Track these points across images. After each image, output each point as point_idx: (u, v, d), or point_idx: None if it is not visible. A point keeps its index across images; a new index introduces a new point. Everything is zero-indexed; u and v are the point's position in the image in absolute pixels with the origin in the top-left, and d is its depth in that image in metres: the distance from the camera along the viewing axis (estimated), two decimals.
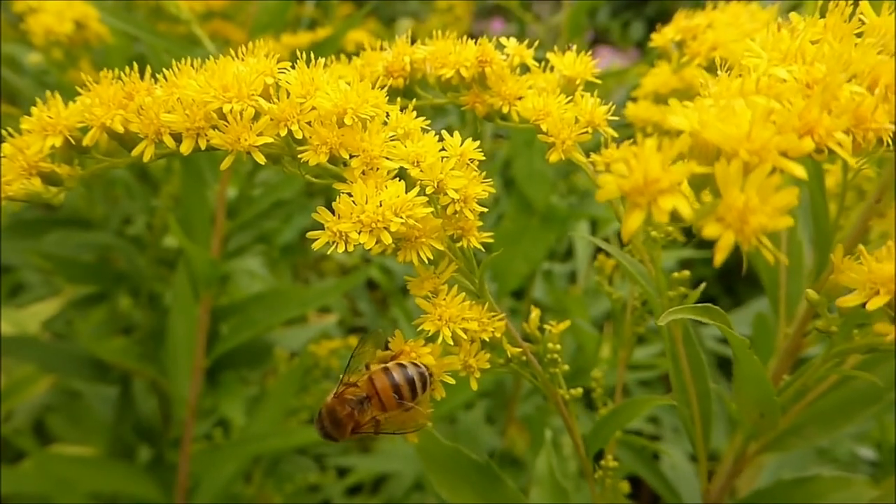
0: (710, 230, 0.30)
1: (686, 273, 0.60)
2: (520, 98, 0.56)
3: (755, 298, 1.85)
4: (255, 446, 1.32)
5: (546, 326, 0.61)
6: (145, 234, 1.53)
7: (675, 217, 0.32)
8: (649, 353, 1.85)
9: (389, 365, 0.51)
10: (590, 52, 0.60)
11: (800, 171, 0.30)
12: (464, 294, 0.50)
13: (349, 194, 0.45)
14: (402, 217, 0.44)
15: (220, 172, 1.28)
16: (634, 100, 0.87)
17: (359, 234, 0.44)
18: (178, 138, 0.46)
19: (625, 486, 0.77)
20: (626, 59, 3.10)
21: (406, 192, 0.45)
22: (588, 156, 0.60)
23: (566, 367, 0.61)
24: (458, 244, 0.51)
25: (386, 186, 0.45)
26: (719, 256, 0.30)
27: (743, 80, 0.34)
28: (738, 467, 0.62)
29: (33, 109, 0.47)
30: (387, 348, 0.54)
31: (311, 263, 2.46)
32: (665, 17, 0.80)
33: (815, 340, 0.56)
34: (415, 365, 0.50)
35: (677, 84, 0.83)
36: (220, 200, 1.30)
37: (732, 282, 2.76)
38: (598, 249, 2.10)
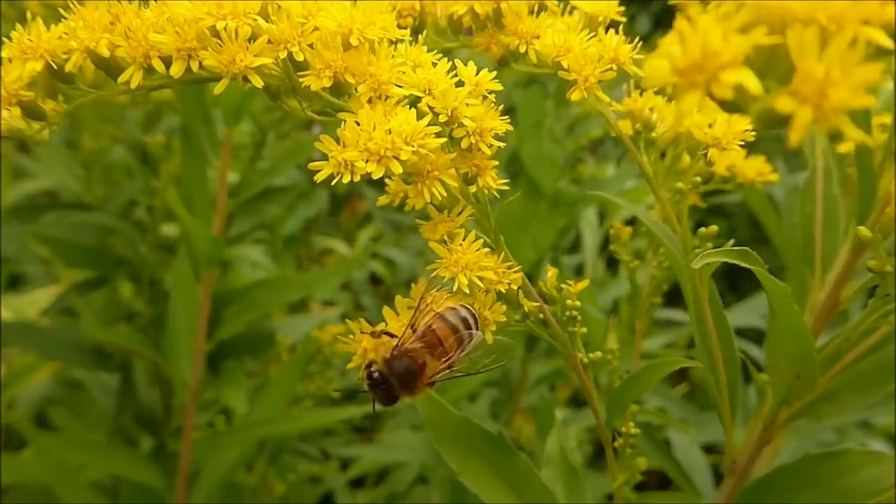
0: (783, 104, 0.26)
1: (714, 228, 0.57)
2: (538, 37, 0.52)
3: (759, 294, 1.82)
4: (258, 431, 1.28)
5: (563, 286, 0.57)
6: (145, 218, 1.50)
7: (738, 94, 0.28)
8: (658, 344, 1.82)
9: (443, 311, 0.48)
10: None
11: (886, 40, 0.27)
12: (481, 241, 0.46)
13: (356, 123, 0.41)
14: (413, 146, 0.40)
15: (220, 149, 1.25)
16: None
17: (366, 162, 0.40)
18: (168, 63, 0.42)
19: (642, 463, 0.73)
20: None
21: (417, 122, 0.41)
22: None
23: (584, 329, 0.57)
24: (473, 189, 0.47)
25: (395, 114, 0.41)
26: (796, 136, 0.26)
27: None
28: (768, 436, 0.58)
29: (13, 34, 0.43)
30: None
31: (314, 256, 2.44)
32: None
33: (853, 299, 0.53)
34: (463, 307, 0.48)
35: None
36: (221, 179, 1.27)
37: (737, 279, 2.73)
38: (606, 241, 2.06)
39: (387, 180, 0.53)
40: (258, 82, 0.42)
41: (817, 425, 0.86)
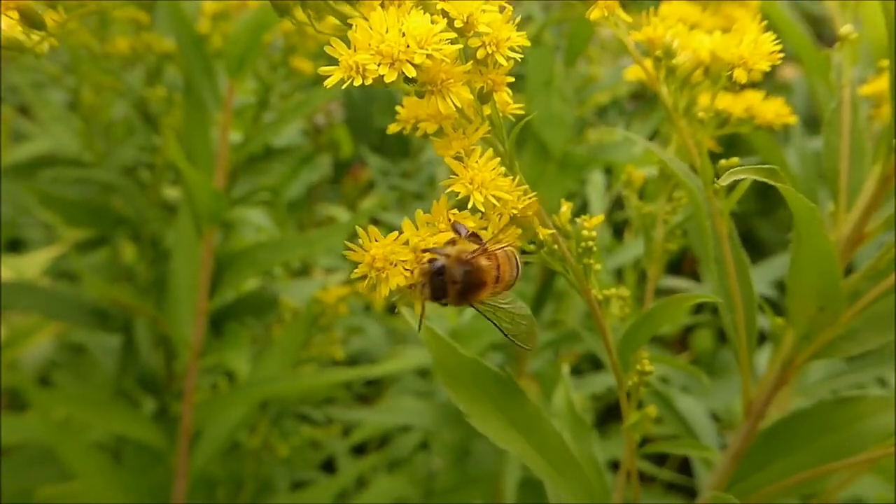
0: None
1: (735, 160, 0.55)
2: None
3: (762, 263, 1.82)
4: (259, 391, 1.28)
5: (578, 220, 0.56)
6: (147, 176, 1.48)
7: None
8: None
9: (511, 251, 0.48)
10: None
11: None
12: (498, 159, 0.44)
13: (368, 26, 0.39)
14: (427, 49, 0.38)
15: (223, 103, 1.22)
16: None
17: (378, 66, 0.38)
18: None
19: (652, 411, 0.72)
20: None
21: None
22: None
23: (598, 266, 0.56)
24: (486, 109, 0.45)
25: (409, 16, 0.39)
26: None
27: None
28: (785, 376, 0.57)
29: None
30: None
31: (317, 222, 2.43)
32: None
33: (879, 231, 0.51)
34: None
35: None
36: (223, 134, 1.24)
37: (744, 247, 2.72)
38: (612, 205, 2.04)
39: (398, 108, 0.51)
40: None
41: (833, 382, 0.84)
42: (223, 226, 1.52)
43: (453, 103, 0.41)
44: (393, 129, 0.51)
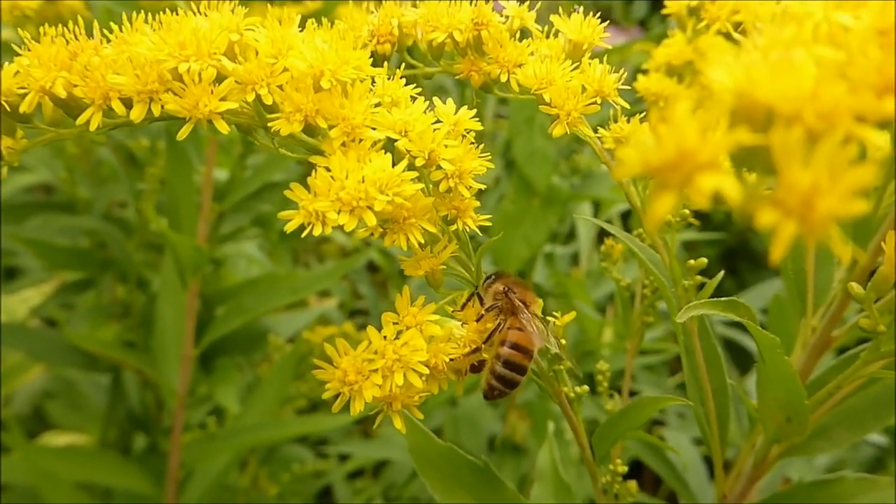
0: (766, 218, 0.24)
1: (703, 261, 0.55)
2: (520, 65, 0.50)
3: (759, 279, 1.80)
4: (248, 437, 1.27)
5: (549, 318, 0.56)
6: (133, 218, 1.48)
7: (717, 200, 0.26)
8: (654, 337, 1.81)
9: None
10: None
11: (882, 140, 0.24)
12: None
13: (327, 168, 0.39)
14: (387, 195, 0.38)
15: (205, 153, 1.22)
16: (645, 72, 0.81)
17: (338, 213, 0.38)
18: (129, 104, 0.40)
19: (633, 487, 0.72)
20: (628, 38, 3.04)
21: (393, 167, 0.39)
22: (595, 132, 0.54)
23: (569, 364, 0.56)
24: (453, 227, 0.45)
25: (370, 160, 0.39)
26: (778, 252, 0.24)
27: (798, 29, 0.27)
28: (759, 472, 0.56)
29: None
30: None
31: (311, 247, 2.41)
32: None
33: (847, 335, 0.51)
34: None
35: (692, 55, 0.77)
36: (206, 183, 1.24)
37: (735, 262, 2.70)
38: (603, 231, 2.04)
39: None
40: (224, 129, 0.39)
41: None
42: (212, 262, 1.52)
43: (415, 238, 0.41)
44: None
